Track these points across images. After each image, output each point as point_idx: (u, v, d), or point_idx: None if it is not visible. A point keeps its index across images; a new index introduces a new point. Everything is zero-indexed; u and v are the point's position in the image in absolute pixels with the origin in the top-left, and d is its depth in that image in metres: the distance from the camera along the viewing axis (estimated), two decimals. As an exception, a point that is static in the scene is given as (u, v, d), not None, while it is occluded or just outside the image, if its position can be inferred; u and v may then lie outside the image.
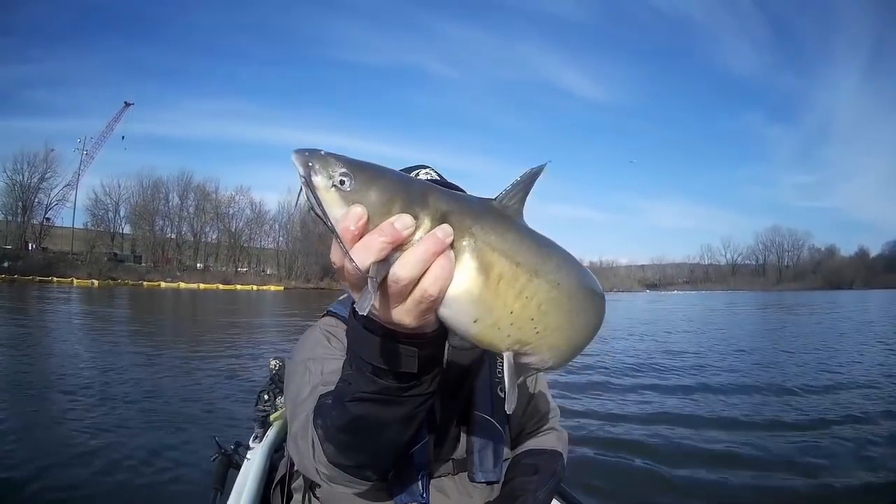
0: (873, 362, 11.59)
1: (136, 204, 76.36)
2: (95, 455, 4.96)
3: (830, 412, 7.01)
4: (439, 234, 0.66)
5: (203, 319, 22.48)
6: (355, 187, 0.66)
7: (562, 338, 0.76)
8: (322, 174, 0.67)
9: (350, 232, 0.64)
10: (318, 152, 0.69)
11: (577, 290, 0.76)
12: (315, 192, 0.67)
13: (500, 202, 0.75)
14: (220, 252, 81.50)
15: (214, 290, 61.65)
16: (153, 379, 8.58)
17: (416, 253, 0.65)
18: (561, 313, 0.74)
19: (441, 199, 0.70)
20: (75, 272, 60.85)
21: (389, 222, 0.65)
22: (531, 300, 0.71)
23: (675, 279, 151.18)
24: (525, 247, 0.72)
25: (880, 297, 58.13)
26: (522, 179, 0.76)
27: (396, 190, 0.68)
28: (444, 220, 0.68)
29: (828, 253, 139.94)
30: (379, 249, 0.64)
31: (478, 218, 0.70)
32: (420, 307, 0.68)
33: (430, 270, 0.65)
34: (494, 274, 0.69)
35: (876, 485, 4.59)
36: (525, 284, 0.70)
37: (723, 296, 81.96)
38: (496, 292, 0.69)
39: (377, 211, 0.66)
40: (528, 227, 0.76)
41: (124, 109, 77.47)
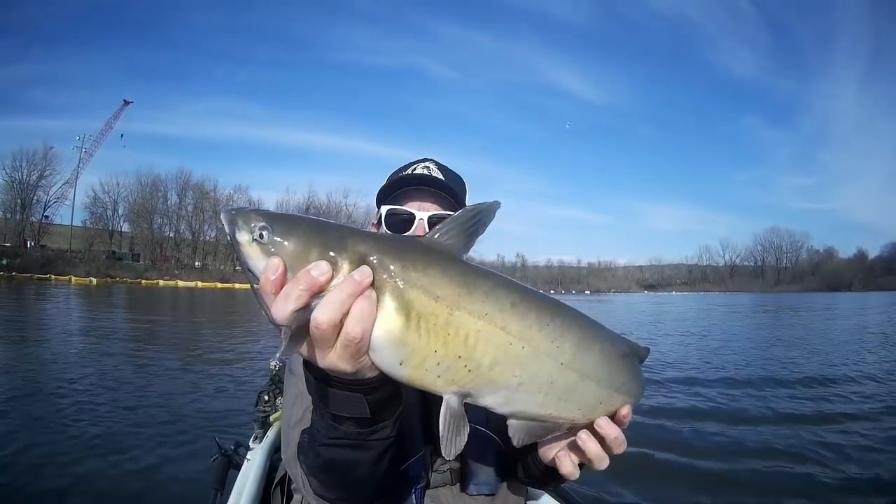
0: (875, 360, 11.77)
1: (135, 202, 76.59)
2: (95, 455, 5.00)
3: (829, 411, 7.03)
4: (356, 276, 0.67)
5: (202, 319, 22.36)
6: (272, 239, 0.68)
7: (506, 373, 0.73)
8: (244, 230, 0.69)
9: (270, 283, 0.66)
10: (242, 210, 0.71)
11: (511, 317, 0.72)
12: (240, 248, 0.69)
13: (430, 237, 0.75)
14: (218, 250, 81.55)
15: (212, 289, 61.63)
16: (153, 379, 8.63)
17: (333, 296, 0.66)
18: (492, 347, 0.71)
19: (360, 241, 0.70)
20: (73, 270, 61.14)
21: (306, 270, 0.66)
22: (454, 336, 0.69)
23: (673, 280, 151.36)
24: (447, 279, 0.70)
25: (879, 299, 58.04)
26: (464, 215, 0.76)
27: (313, 236, 0.69)
28: (363, 261, 0.68)
29: (826, 255, 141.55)
30: (297, 297, 0.65)
31: (399, 256, 0.70)
32: (348, 350, 0.68)
33: (350, 313, 0.66)
34: (414, 312, 0.68)
35: (876, 484, 4.58)
36: (446, 319, 0.68)
37: (723, 297, 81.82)
38: (417, 331, 0.68)
39: (296, 260, 0.67)
40: (461, 260, 0.74)
41: (123, 108, 77.93)
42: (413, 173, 1.37)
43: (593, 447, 0.86)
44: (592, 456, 0.86)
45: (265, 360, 3.75)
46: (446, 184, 1.34)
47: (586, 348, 0.79)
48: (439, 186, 1.33)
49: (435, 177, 1.35)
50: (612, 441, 0.85)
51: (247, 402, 5.19)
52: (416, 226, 1.31)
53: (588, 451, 0.86)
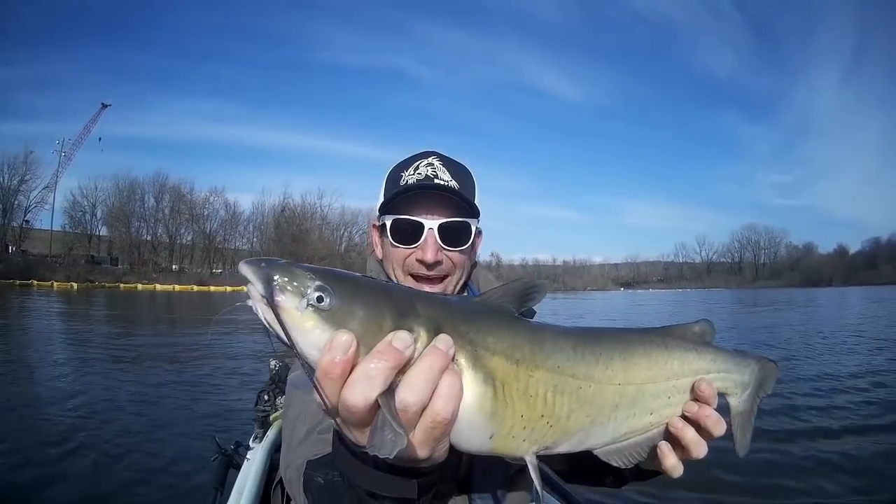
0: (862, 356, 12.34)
1: (113, 206, 78.12)
2: (96, 456, 5.14)
3: (830, 408, 7.18)
4: (441, 347, 0.60)
5: (191, 322, 22.16)
6: (337, 304, 0.58)
7: (581, 417, 0.73)
8: (292, 292, 0.58)
9: (339, 363, 0.57)
10: (278, 263, 0.61)
11: (576, 362, 0.73)
12: (284, 317, 0.58)
13: (484, 298, 0.74)
14: (195, 254, 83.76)
15: (189, 292, 63.57)
16: (152, 382, 8.73)
17: (421, 372, 0.59)
18: (567, 397, 0.71)
19: (429, 305, 0.65)
20: (54, 275, 63.32)
21: (388, 343, 0.58)
22: (535, 397, 0.68)
23: (650, 277, 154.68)
24: (521, 340, 0.69)
25: (859, 294, 58.91)
26: (520, 284, 0.76)
27: (383, 300, 0.61)
28: (438, 327, 0.63)
29: (805, 250, 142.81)
30: (384, 378, 0.57)
31: (471, 320, 0.66)
32: (433, 434, 0.61)
33: (439, 390, 0.59)
34: (498, 381, 0.65)
35: (877, 483, 4.66)
36: (527, 382, 0.67)
37: (699, 294, 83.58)
38: (504, 401, 0.65)
39: (367, 330, 0.59)
40: (519, 318, 0.74)
41: (101, 111, 79.34)
42: (417, 173, 1.25)
43: (689, 434, 0.83)
44: (689, 442, 0.83)
45: (264, 360, 3.72)
46: (456, 190, 1.24)
47: (631, 359, 0.79)
48: (448, 192, 1.23)
49: (442, 183, 1.24)
50: (706, 420, 0.83)
51: (246, 402, 5.04)
52: (425, 235, 1.22)
53: (684, 438, 0.83)
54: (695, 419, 0.83)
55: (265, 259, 0.61)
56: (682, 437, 0.83)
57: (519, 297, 0.74)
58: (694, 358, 0.86)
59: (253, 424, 2.51)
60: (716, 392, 0.85)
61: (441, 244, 1.22)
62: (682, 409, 0.84)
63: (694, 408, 0.83)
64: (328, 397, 0.58)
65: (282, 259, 0.62)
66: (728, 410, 0.91)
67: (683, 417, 0.84)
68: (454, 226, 1.23)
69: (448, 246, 1.23)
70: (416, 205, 1.23)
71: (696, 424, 0.84)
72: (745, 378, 0.93)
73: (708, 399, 0.84)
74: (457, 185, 1.25)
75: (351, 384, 0.57)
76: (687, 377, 0.84)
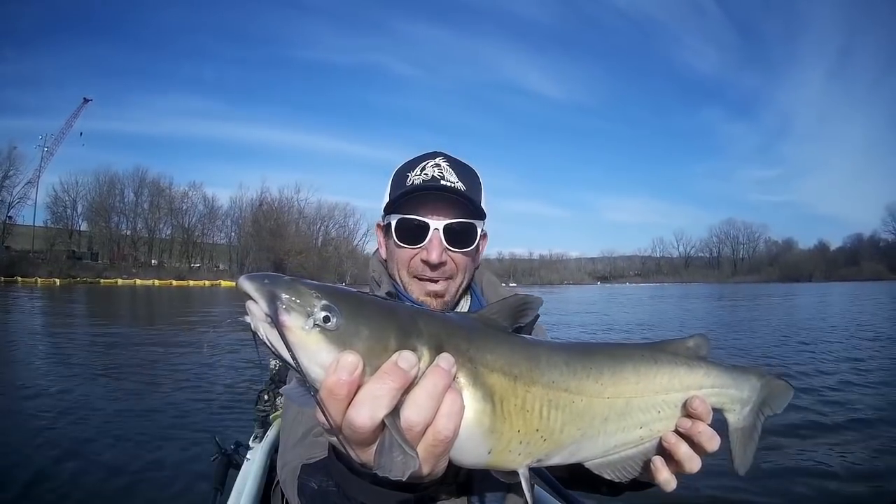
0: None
1: (93, 200, 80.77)
2: (96, 456, 5.23)
3: (829, 408, 7.09)
4: (444, 366, 0.62)
5: (184, 318, 22.43)
6: (343, 323, 0.59)
7: (572, 431, 0.75)
8: (297, 311, 0.58)
9: (345, 384, 0.58)
10: (281, 280, 0.60)
11: (569, 376, 0.75)
12: (289, 336, 0.58)
13: (480, 314, 0.77)
14: (173, 248, 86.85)
15: (168, 287, 65.69)
16: (150, 381, 8.72)
17: (425, 392, 0.60)
18: (561, 411, 0.73)
19: (431, 323, 0.67)
20: (36, 271, 65.80)
21: (393, 363, 0.59)
22: (531, 412, 0.70)
23: (627, 272, 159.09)
24: (517, 356, 0.71)
25: (839, 289, 60.04)
26: (515, 300, 0.79)
27: (387, 320, 0.62)
28: (440, 346, 0.65)
29: (785, 246, 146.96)
30: (391, 399, 0.58)
31: (470, 338, 0.68)
32: (435, 451, 0.62)
33: (442, 409, 0.61)
34: (497, 397, 0.67)
35: (876, 483, 4.67)
36: (524, 397, 0.69)
37: (678, 288, 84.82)
38: (502, 416, 0.67)
39: (373, 350, 0.60)
40: (515, 334, 0.78)
41: (83, 106, 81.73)
42: (423, 174, 1.26)
43: (682, 449, 0.85)
44: (682, 457, 0.85)
45: (263, 359, 3.54)
46: (462, 191, 1.24)
47: (619, 373, 0.81)
48: (454, 193, 1.24)
49: (448, 184, 1.24)
50: (699, 436, 0.84)
51: (246, 402, 5.06)
52: (430, 236, 1.23)
53: (677, 453, 0.85)
54: (688, 435, 0.85)
55: (268, 275, 0.60)
56: (676, 452, 0.85)
57: (513, 312, 0.78)
58: (685, 372, 0.87)
59: (253, 424, 2.52)
60: (709, 408, 0.86)
61: (446, 245, 1.24)
62: (675, 424, 0.85)
63: (687, 423, 0.84)
64: (332, 416, 0.59)
65: (285, 275, 0.61)
66: (726, 426, 0.92)
67: (677, 433, 0.86)
68: (460, 227, 1.24)
69: (453, 247, 1.25)
70: (422, 205, 1.24)
71: (689, 440, 0.85)
72: (743, 394, 0.92)
73: (701, 415, 0.85)
74: (463, 187, 1.26)
75: (357, 405, 0.58)
76: (677, 392, 0.86)
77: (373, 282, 1.36)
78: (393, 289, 1.31)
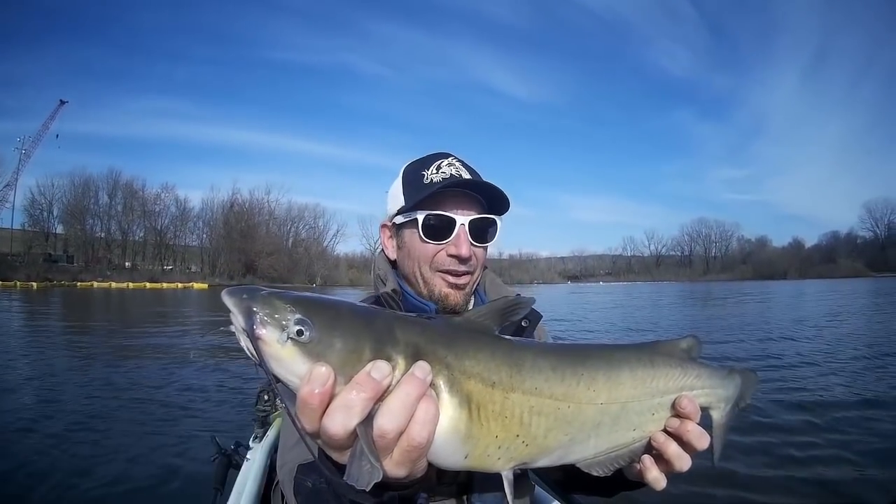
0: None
1: (68, 203, 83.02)
2: (95, 457, 5.31)
3: (829, 405, 7.19)
4: (419, 375, 0.65)
5: (177, 319, 23.18)
6: (316, 336, 0.63)
7: (559, 436, 0.77)
8: (272, 325, 0.62)
9: (317, 395, 0.61)
10: (259, 294, 0.64)
11: (555, 383, 0.77)
12: (264, 349, 0.63)
13: (466, 317, 0.79)
14: (146, 250, 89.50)
15: (142, 289, 68.16)
16: (148, 383, 8.99)
17: (398, 400, 0.63)
18: (545, 417, 0.75)
19: (409, 330, 0.69)
20: (14, 274, 67.84)
21: (366, 373, 0.63)
22: (511, 418, 0.72)
23: (597, 271, 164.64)
24: (498, 362, 0.73)
25: (813, 286, 61.15)
26: (503, 302, 0.81)
27: (362, 330, 0.66)
28: (417, 353, 0.68)
29: (759, 244, 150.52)
30: (362, 409, 0.62)
31: (449, 344, 0.71)
32: (410, 456, 0.66)
33: (415, 416, 0.64)
34: (474, 403, 0.70)
35: (876, 483, 4.71)
36: (503, 404, 0.72)
37: (651, 286, 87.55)
38: (479, 422, 0.70)
39: (346, 361, 0.63)
40: (500, 337, 0.79)
41: (59, 108, 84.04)
42: (441, 172, 1.33)
43: (671, 448, 0.88)
44: (671, 456, 0.88)
45: (253, 369, 4.79)
46: (491, 185, 1.31)
47: (616, 378, 0.84)
48: (480, 191, 1.32)
49: (473, 179, 1.32)
50: (688, 435, 0.88)
51: (246, 402, 5.23)
52: (457, 230, 1.28)
53: (666, 452, 0.88)
54: (677, 434, 0.88)
55: (247, 289, 0.65)
56: (665, 452, 0.88)
57: (501, 314, 0.79)
58: (679, 375, 0.91)
59: (253, 424, 2.58)
60: (698, 408, 0.89)
61: (471, 240, 1.30)
62: (664, 424, 0.89)
63: (676, 423, 0.88)
64: (308, 423, 0.63)
65: (263, 288, 0.66)
66: (709, 423, 0.97)
67: (666, 432, 0.89)
68: (483, 223, 1.31)
69: (476, 242, 1.32)
70: (446, 201, 1.29)
71: (678, 439, 0.89)
72: (728, 393, 0.98)
73: (690, 415, 0.88)
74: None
75: (330, 414, 0.62)
76: (672, 394, 0.89)
77: (377, 280, 1.41)
78: (398, 286, 1.35)
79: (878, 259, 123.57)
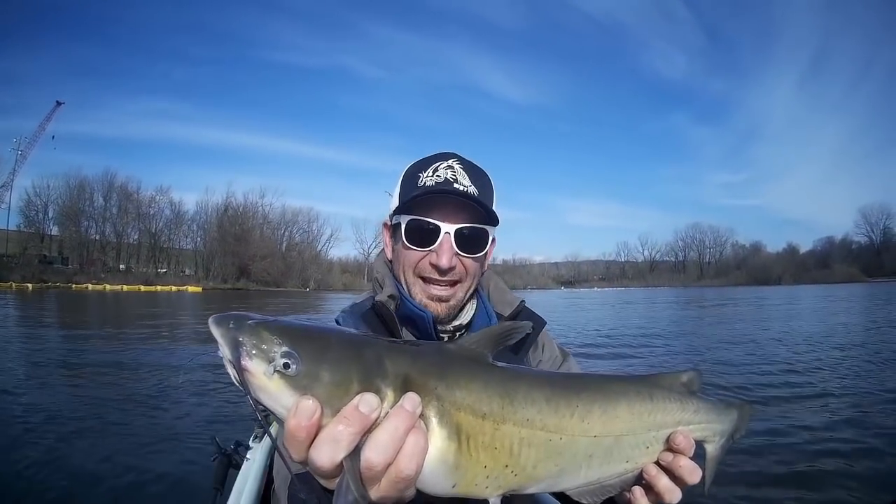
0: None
1: (64, 204, 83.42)
2: (95, 457, 5.35)
3: (828, 403, 7.36)
4: (408, 408, 0.65)
5: (176, 320, 23.32)
6: (303, 369, 0.63)
7: (549, 466, 0.78)
8: (259, 357, 0.63)
9: (304, 428, 0.62)
10: (245, 323, 0.64)
11: (548, 414, 0.77)
12: (251, 380, 0.63)
13: (460, 343, 0.79)
14: (140, 253, 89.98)
15: (137, 292, 68.56)
16: (147, 383, 9.07)
17: (386, 433, 0.63)
18: (535, 449, 0.76)
19: (399, 361, 0.70)
20: (10, 275, 67.98)
21: (353, 407, 0.63)
22: (500, 449, 0.73)
23: (591, 276, 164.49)
24: (489, 393, 0.74)
25: (807, 291, 61.19)
26: (499, 329, 0.82)
27: (350, 362, 0.66)
28: (407, 384, 0.68)
29: (753, 249, 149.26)
30: (349, 442, 0.62)
31: (441, 374, 0.71)
32: (398, 487, 0.66)
33: (404, 449, 0.64)
34: (464, 435, 0.70)
35: (876, 483, 4.75)
36: (492, 435, 0.72)
37: (645, 292, 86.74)
38: (468, 453, 0.71)
39: (333, 394, 0.64)
40: (494, 365, 0.79)
41: (55, 108, 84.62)
42: (436, 176, 1.29)
43: (662, 481, 0.89)
44: (661, 489, 0.89)
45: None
46: (476, 196, 1.28)
47: (612, 411, 0.84)
48: (467, 198, 1.27)
49: (462, 188, 1.28)
50: (680, 470, 0.88)
51: (246, 402, 5.89)
52: (441, 239, 1.27)
53: (657, 485, 0.89)
54: (669, 468, 0.89)
55: (234, 317, 0.65)
56: (656, 485, 0.89)
57: (496, 340, 0.80)
58: (677, 409, 0.91)
59: (253, 424, 2.57)
60: (693, 443, 0.90)
61: (457, 249, 1.28)
62: (657, 457, 0.89)
63: (669, 457, 0.89)
64: (296, 454, 0.64)
65: (251, 316, 0.66)
66: (702, 453, 0.98)
67: (658, 464, 0.90)
68: (471, 232, 1.27)
69: (463, 252, 1.28)
70: (434, 208, 1.27)
71: (670, 473, 0.89)
72: (725, 427, 1.00)
73: (683, 450, 0.89)
74: (476, 191, 1.29)
75: (317, 446, 0.62)
76: (668, 428, 0.90)
77: (376, 283, 1.40)
78: (396, 291, 1.34)
79: (874, 264, 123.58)
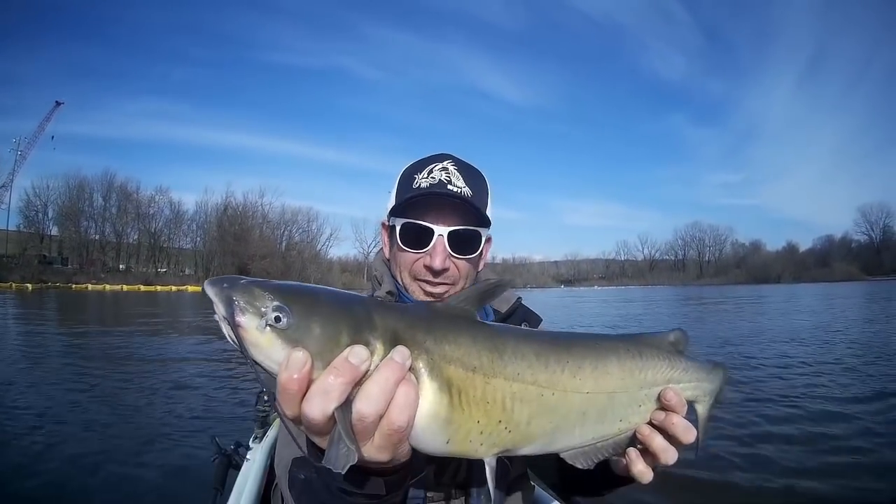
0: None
1: (63, 205, 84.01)
2: (95, 457, 5.36)
3: (828, 403, 7.33)
4: (398, 359, 0.67)
5: (176, 320, 23.57)
6: (293, 323, 0.65)
7: (543, 423, 0.78)
8: (251, 312, 0.65)
9: (295, 380, 0.63)
10: (238, 283, 0.67)
11: (538, 369, 0.77)
12: (244, 336, 0.65)
13: (446, 303, 0.80)
14: (140, 253, 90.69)
15: (136, 292, 69.13)
16: (147, 384, 9.10)
17: (377, 385, 0.65)
18: (527, 405, 0.76)
19: (388, 316, 0.71)
20: (10, 275, 68.52)
21: (343, 358, 0.64)
22: (492, 404, 0.74)
23: (590, 275, 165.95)
24: (479, 347, 0.74)
25: (807, 290, 61.58)
26: (483, 286, 0.83)
27: (340, 316, 0.68)
28: (396, 338, 0.69)
29: (752, 248, 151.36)
30: (340, 393, 0.64)
31: (429, 328, 0.73)
32: (391, 440, 0.67)
33: (395, 400, 0.66)
34: (454, 388, 0.71)
35: (876, 482, 4.73)
36: (484, 389, 0.73)
37: (644, 290, 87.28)
38: (460, 407, 0.71)
39: (325, 347, 0.65)
40: (481, 322, 0.81)
41: (55, 109, 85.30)
42: (431, 177, 1.30)
43: (657, 440, 0.90)
44: (656, 449, 0.89)
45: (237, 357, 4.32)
46: (469, 198, 1.29)
47: (603, 367, 0.85)
48: (460, 199, 1.28)
49: (455, 190, 1.28)
50: (673, 428, 0.89)
51: (246, 402, 5.69)
52: (434, 241, 1.28)
53: (651, 444, 0.90)
54: (662, 427, 0.89)
55: (227, 279, 0.68)
56: (650, 444, 0.90)
57: (480, 297, 0.82)
58: (667, 367, 0.92)
59: (253, 424, 2.59)
60: (684, 401, 0.90)
61: (450, 251, 1.29)
62: (649, 417, 0.90)
63: (661, 416, 0.89)
64: (289, 409, 0.65)
65: (244, 278, 0.68)
66: (693, 416, 0.98)
67: (651, 424, 0.90)
68: (464, 234, 1.28)
69: (457, 254, 1.30)
70: (428, 210, 1.28)
71: (664, 432, 0.90)
72: (713, 386, 1.01)
73: (675, 407, 0.89)
74: (470, 193, 1.30)
75: (309, 399, 0.64)
76: (659, 386, 0.90)
77: (374, 280, 1.44)
78: (394, 288, 1.37)
79: (873, 262, 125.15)
